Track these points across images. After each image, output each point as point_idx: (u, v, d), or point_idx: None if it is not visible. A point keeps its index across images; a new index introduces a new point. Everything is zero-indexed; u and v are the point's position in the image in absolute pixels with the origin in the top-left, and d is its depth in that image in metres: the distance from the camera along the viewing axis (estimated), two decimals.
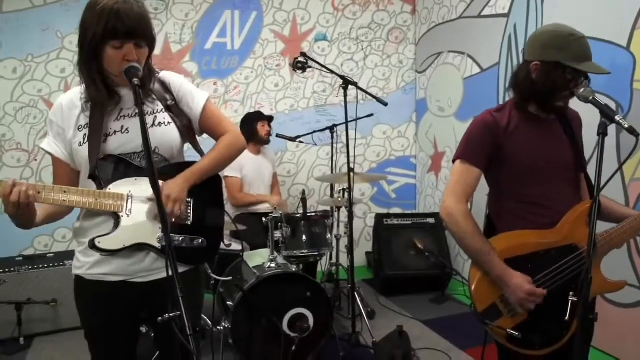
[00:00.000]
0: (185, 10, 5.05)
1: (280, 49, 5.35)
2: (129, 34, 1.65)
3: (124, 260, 1.77)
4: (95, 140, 1.75)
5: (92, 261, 1.79)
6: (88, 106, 1.78)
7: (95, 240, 1.72)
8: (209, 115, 1.95)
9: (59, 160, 1.84)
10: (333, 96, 5.49)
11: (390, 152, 5.75)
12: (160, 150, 1.83)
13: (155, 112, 1.85)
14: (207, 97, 1.96)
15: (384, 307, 4.32)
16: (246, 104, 5.29)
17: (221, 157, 1.94)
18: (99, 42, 1.66)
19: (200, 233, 1.87)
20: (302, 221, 3.78)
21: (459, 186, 1.95)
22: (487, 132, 1.95)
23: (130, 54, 1.67)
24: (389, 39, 5.65)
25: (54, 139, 1.83)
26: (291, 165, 5.48)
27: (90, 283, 1.81)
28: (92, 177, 1.74)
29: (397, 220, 4.90)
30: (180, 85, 1.93)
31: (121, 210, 1.75)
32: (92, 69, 1.73)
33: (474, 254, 1.92)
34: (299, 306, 3.31)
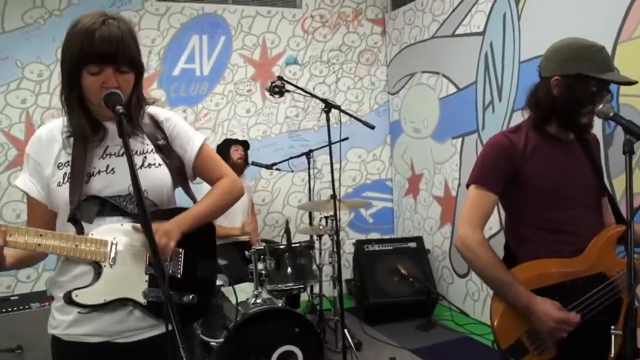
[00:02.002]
0: (151, 36, 4.88)
1: (251, 74, 5.22)
2: (105, 57, 1.46)
3: (106, 319, 1.56)
4: (77, 180, 1.55)
5: (70, 320, 1.56)
6: (70, 141, 1.59)
7: (72, 293, 1.50)
8: (204, 158, 1.78)
9: (34, 199, 1.63)
10: (306, 120, 5.36)
11: (366, 175, 5.64)
12: (150, 194, 1.63)
13: (145, 152, 1.66)
14: (203, 140, 1.78)
15: (370, 337, 4.16)
16: (217, 131, 5.12)
17: (217, 203, 1.76)
18: (74, 69, 1.48)
19: (190, 288, 1.65)
20: (286, 252, 3.62)
21: (475, 213, 1.83)
22: (502, 155, 1.83)
23: (109, 80, 1.48)
24: (360, 61, 5.58)
25: (29, 175, 1.62)
26: (266, 193, 5.31)
27: (68, 344, 1.58)
28: (72, 220, 1.53)
29: (378, 246, 4.77)
30: (175, 124, 1.75)
31: (104, 260, 1.54)
32: (72, 98, 1.54)
33: (496, 286, 1.79)
34: (287, 343, 3.16)
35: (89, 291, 1.52)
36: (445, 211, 4.79)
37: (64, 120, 1.61)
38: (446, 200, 4.75)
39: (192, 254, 1.69)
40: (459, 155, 4.52)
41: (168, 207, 1.69)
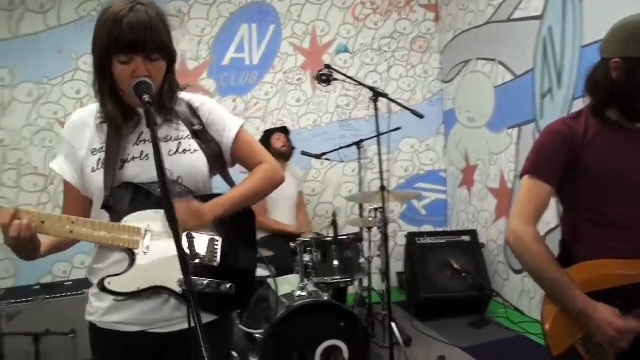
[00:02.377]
0: (201, 26, 4.87)
1: (301, 63, 5.14)
2: (134, 45, 1.43)
3: (141, 307, 1.53)
4: (111, 166, 1.52)
5: (106, 307, 1.55)
6: (103, 128, 1.56)
7: (105, 280, 1.48)
8: (242, 144, 1.72)
9: (69, 184, 1.62)
10: (357, 110, 5.25)
11: (419, 166, 5.49)
12: (185, 180, 1.59)
13: (180, 138, 1.61)
14: (241, 124, 1.73)
15: (420, 333, 4.04)
16: (267, 121, 5.08)
17: (255, 188, 1.70)
18: (104, 58, 1.46)
19: (228, 277, 1.60)
20: (333, 245, 3.52)
21: (528, 206, 1.68)
22: (560, 143, 1.68)
23: (139, 69, 1.45)
24: (412, 49, 5.41)
25: (64, 158, 1.62)
26: (316, 183, 5.24)
27: (104, 332, 1.57)
28: (106, 207, 1.51)
29: (430, 239, 4.63)
30: (211, 109, 1.70)
31: (137, 247, 1.51)
32: (104, 87, 1.52)
33: (548, 286, 1.64)
34: (333, 338, 3.08)
35: (122, 279, 1.49)
36: (501, 204, 4.59)
37: (98, 106, 1.58)
38: (502, 193, 4.56)
39: (231, 241, 1.63)
40: (516, 146, 4.31)
41: (204, 193, 1.63)
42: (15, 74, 4.44)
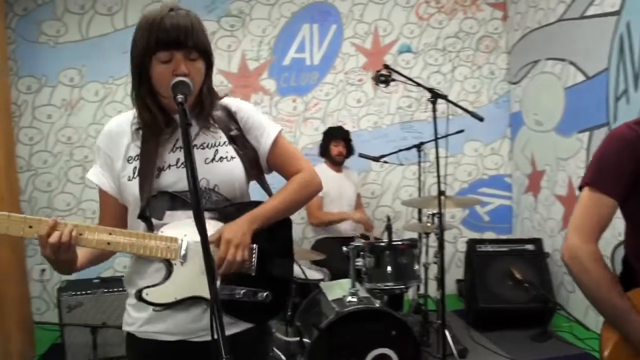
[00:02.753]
0: (262, 26, 4.87)
1: (362, 63, 5.06)
2: (176, 41, 1.43)
3: (181, 317, 1.51)
4: (147, 175, 1.51)
5: (145, 317, 1.54)
6: (139, 135, 1.55)
7: (143, 291, 1.47)
8: (280, 151, 1.69)
9: (106, 193, 1.61)
10: (419, 111, 5.12)
11: (483, 170, 5.29)
12: (221, 188, 1.56)
13: (217, 145, 1.59)
14: (278, 130, 1.69)
15: (477, 344, 3.88)
16: (327, 122, 5.02)
17: (293, 198, 1.67)
18: (145, 58, 1.45)
19: (265, 285, 1.57)
20: (386, 250, 3.43)
21: (588, 221, 1.53)
22: (626, 151, 1.51)
23: (179, 66, 1.43)
24: (478, 48, 5.23)
25: (100, 168, 1.61)
26: (375, 186, 5.15)
27: (143, 342, 1.56)
28: (142, 216, 1.50)
29: (491, 246, 4.45)
30: (249, 115, 1.66)
31: (174, 257, 1.49)
32: (142, 92, 1.51)
33: (607, 312, 1.50)
34: (383, 346, 3.01)
35: (160, 290, 1.48)
36: (569, 212, 4.36)
37: (133, 113, 1.58)
38: (570, 200, 4.32)
39: (267, 250, 1.60)
40: (586, 151, 4.07)
41: (241, 200, 1.61)
42: (83, 74, 4.58)
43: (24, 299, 4.12)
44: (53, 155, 4.59)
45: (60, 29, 4.54)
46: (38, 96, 4.54)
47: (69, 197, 4.62)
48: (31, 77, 4.53)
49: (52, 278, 4.52)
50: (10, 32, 4.44)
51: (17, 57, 4.48)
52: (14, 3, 4.45)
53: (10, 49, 4.41)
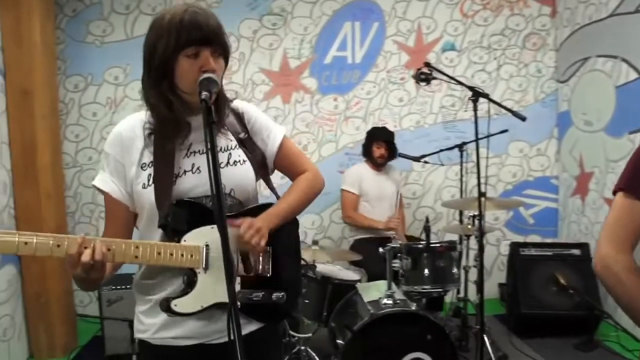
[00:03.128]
0: (304, 24, 4.86)
1: (405, 61, 4.99)
2: (206, 39, 1.42)
3: (198, 321, 1.51)
4: (163, 182, 1.48)
5: (159, 323, 1.52)
6: (152, 140, 1.51)
7: (171, 303, 1.45)
8: (286, 152, 1.71)
9: (116, 200, 1.54)
10: (463, 111, 5.01)
11: (528, 172, 5.15)
12: (236, 193, 1.56)
13: (229, 149, 1.58)
14: (284, 133, 1.71)
15: (517, 351, 3.77)
16: (368, 120, 4.98)
17: (301, 199, 1.70)
18: (171, 55, 1.42)
19: (279, 286, 1.57)
20: (424, 252, 3.37)
21: (622, 229, 1.42)
22: None
23: (207, 62, 1.42)
24: (525, 46, 5.08)
25: (110, 175, 1.53)
26: (417, 186, 5.07)
27: (158, 348, 1.54)
28: (163, 226, 1.47)
29: (535, 250, 4.30)
30: (256, 117, 1.68)
31: (198, 266, 1.47)
32: (164, 88, 1.47)
33: None
34: (418, 350, 2.94)
35: (187, 300, 1.47)
36: None
37: (145, 116, 1.54)
38: None
39: (280, 251, 1.62)
40: None
41: (254, 204, 1.62)
42: (127, 72, 4.67)
43: (68, 293, 4.22)
44: (97, 152, 4.69)
45: (107, 28, 4.64)
46: (84, 94, 4.66)
47: None
48: (78, 75, 4.65)
49: None
50: (60, 32, 4.57)
51: (65, 56, 4.60)
52: (64, 5, 4.57)
53: (59, 49, 4.53)
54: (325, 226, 4.97)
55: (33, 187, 3.85)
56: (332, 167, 4.91)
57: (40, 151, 3.88)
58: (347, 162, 4.92)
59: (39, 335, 3.95)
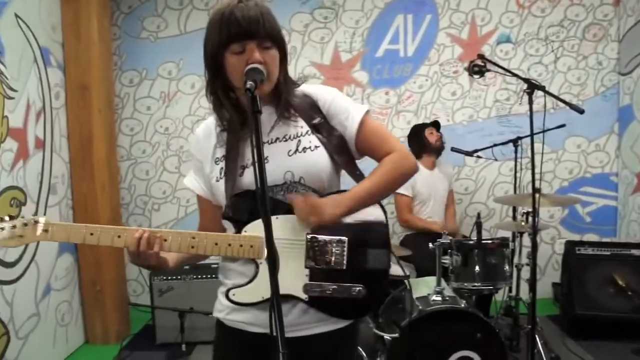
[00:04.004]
0: (355, 18, 4.82)
1: (458, 54, 4.89)
2: (247, 32, 1.41)
3: (263, 312, 1.50)
4: (231, 175, 1.52)
5: (232, 305, 1.55)
6: (223, 136, 1.56)
7: (230, 292, 1.51)
8: (368, 132, 1.59)
9: (200, 197, 1.68)
10: (518, 104, 4.88)
11: (586, 168, 4.97)
12: (307, 180, 1.52)
13: (299, 135, 1.55)
14: (364, 111, 1.60)
15: (571, 354, 3.65)
16: (420, 115, 4.91)
17: (385, 179, 1.56)
18: (218, 53, 1.45)
19: (357, 280, 1.51)
20: (475, 249, 3.30)
21: None
22: None
23: (252, 55, 1.42)
24: (585, 37, 4.89)
25: (194, 174, 1.67)
26: (469, 181, 4.98)
27: (230, 330, 1.59)
28: (226, 217, 1.52)
29: (592, 249, 4.14)
30: (332, 100, 1.59)
31: (260, 257, 1.48)
32: (217, 87, 1.51)
33: None
34: (467, 348, 2.89)
35: (247, 290, 1.50)
36: None
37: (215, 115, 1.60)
38: None
39: (359, 242, 1.52)
40: None
41: (330, 192, 1.55)
42: (181, 67, 4.76)
43: (121, 282, 4.35)
44: (151, 145, 4.81)
45: (161, 24, 4.74)
46: (139, 89, 4.78)
47: (165, 185, 4.83)
48: (133, 70, 4.77)
49: None
50: (116, 28, 4.70)
51: (121, 52, 4.74)
52: (120, 2, 4.70)
53: (115, 45, 4.67)
54: None
55: (89, 179, 3.98)
56: None
57: (96, 144, 4.01)
58: None
59: (94, 322, 4.10)
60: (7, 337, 3.20)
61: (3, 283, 3.18)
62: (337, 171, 1.61)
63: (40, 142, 3.64)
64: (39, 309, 3.54)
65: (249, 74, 1.37)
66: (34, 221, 1.49)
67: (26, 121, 3.46)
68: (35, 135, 3.57)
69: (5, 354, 3.17)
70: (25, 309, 3.41)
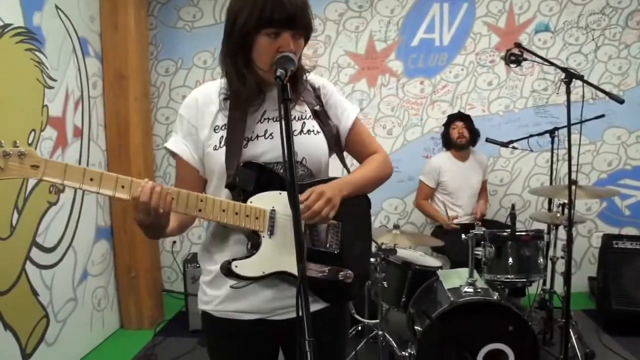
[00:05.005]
0: (390, 6, 4.78)
1: (495, 43, 4.80)
2: (289, 21, 1.40)
3: (259, 296, 1.51)
4: (235, 144, 1.49)
5: (223, 295, 1.53)
6: (227, 104, 1.53)
7: (232, 264, 1.43)
8: (359, 131, 1.71)
9: (186, 163, 1.56)
10: (556, 94, 4.78)
11: (626, 160, 4.84)
12: (308, 162, 1.55)
13: (303, 118, 1.58)
14: (357, 112, 1.70)
15: (606, 349, 3.58)
16: (455, 104, 4.85)
17: (374, 175, 1.68)
18: (251, 30, 1.42)
19: (347, 264, 1.55)
20: (509, 241, 3.27)
21: None
22: None
23: (287, 44, 1.42)
24: (627, 25, 4.74)
25: (182, 138, 1.56)
26: (504, 173, 4.90)
27: (221, 321, 1.56)
28: (230, 186, 1.47)
29: (630, 243, 4.04)
30: (332, 92, 1.67)
31: (263, 229, 1.47)
32: (239, 61, 1.48)
33: None
34: (498, 341, 2.86)
35: (249, 262, 1.46)
36: None
37: (221, 82, 1.57)
38: None
39: (349, 227, 1.59)
40: None
41: (325, 176, 1.60)
42: (216, 56, 4.69)
43: (156, 268, 4.43)
44: None
45: (196, 14, 4.78)
46: (174, 78, 4.84)
47: None
48: (169, 60, 4.82)
49: (181, 250, 4.83)
50: (152, 19, 4.76)
51: (157, 41, 4.80)
52: None
53: (151, 35, 4.73)
54: (408, 212, 4.90)
55: (125, 167, 4.05)
56: (417, 152, 4.84)
57: (132, 133, 4.07)
58: (432, 147, 4.83)
59: (129, 308, 4.18)
60: (47, 320, 3.30)
61: (42, 267, 3.27)
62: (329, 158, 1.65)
63: (78, 130, 3.72)
64: (76, 293, 3.64)
65: (280, 61, 1.36)
66: (18, 152, 1.25)
67: (65, 110, 3.54)
68: (73, 124, 3.65)
69: (45, 337, 3.27)
70: (63, 293, 3.50)
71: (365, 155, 1.72)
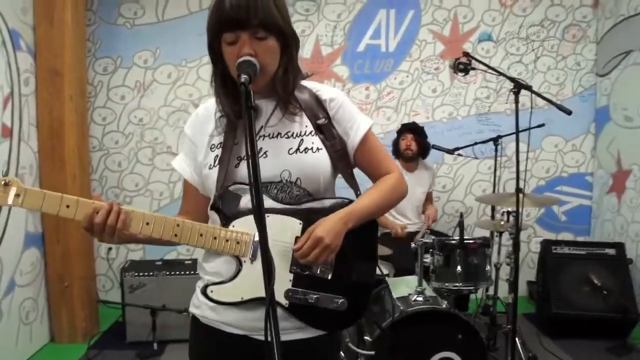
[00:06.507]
0: (337, 11, 4.75)
1: (440, 51, 4.86)
2: (236, 21, 1.32)
3: (245, 314, 1.43)
4: (226, 164, 1.43)
5: (211, 304, 1.46)
6: (222, 122, 1.48)
7: (208, 289, 1.41)
8: (369, 147, 1.56)
9: (187, 182, 1.58)
10: (498, 103, 4.88)
11: (562, 167, 5.00)
12: (304, 182, 1.46)
13: (302, 135, 1.48)
14: (369, 126, 1.56)
15: (548, 353, 3.66)
16: (400, 111, 4.87)
17: (385, 200, 1.54)
18: (212, 40, 1.38)
19: (341, 291, 1.45)
20: (457, 249, 3.28)
21: None
22: None
23: (243, 47, 1.33)
24: (564, 38, 4.91)
25: (185, 156, 1.57)
26: (447, 179, 4.96)
27: (206, 328, 1.50)
28: (215, 208, 1.43)
29: (568, 248, 4.18)
30: (341, 104, 1.54)
31: (244, 255, 1.41)
32: (217, 74, 1.45)
33: None
34: (447, 349, 2.87)
35: (226, 288, 1.42)
36: None
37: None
38: None
39: (348, 253, 1.46)
40: None
41: (324, 196, 1.50)
42: (157, 56, 4.61)
43: (90, 277, 4.21)
44: (124, 136, 4.66)
45: (138, 11, 4.59)
46: (113, 77, 4.62)
47: (137, 177, 4.70)
48: (108, 58, 4.60)
49: (117, 257, 4.63)
50: (91, 14, 4.53)
51: (95, 38, 4.57)
52: None
53: (89, 30, 4.50)
54: None
55: (59, 170, 3.82)
56: None
57: (67, 133, 3.84)
58: None
59: (60, 319, 3.93)
60: None
61: None
62: (334, 176, 1.56)
63: (7, 130, 3.47)
64: (1, 306, 3.38)
65: (240, 67, 1.30)
66: (3, 183, 1.33)
67: None
68: (2, 123, 3.41)
69: None
70: None
71: (377, 175, 1.59)
